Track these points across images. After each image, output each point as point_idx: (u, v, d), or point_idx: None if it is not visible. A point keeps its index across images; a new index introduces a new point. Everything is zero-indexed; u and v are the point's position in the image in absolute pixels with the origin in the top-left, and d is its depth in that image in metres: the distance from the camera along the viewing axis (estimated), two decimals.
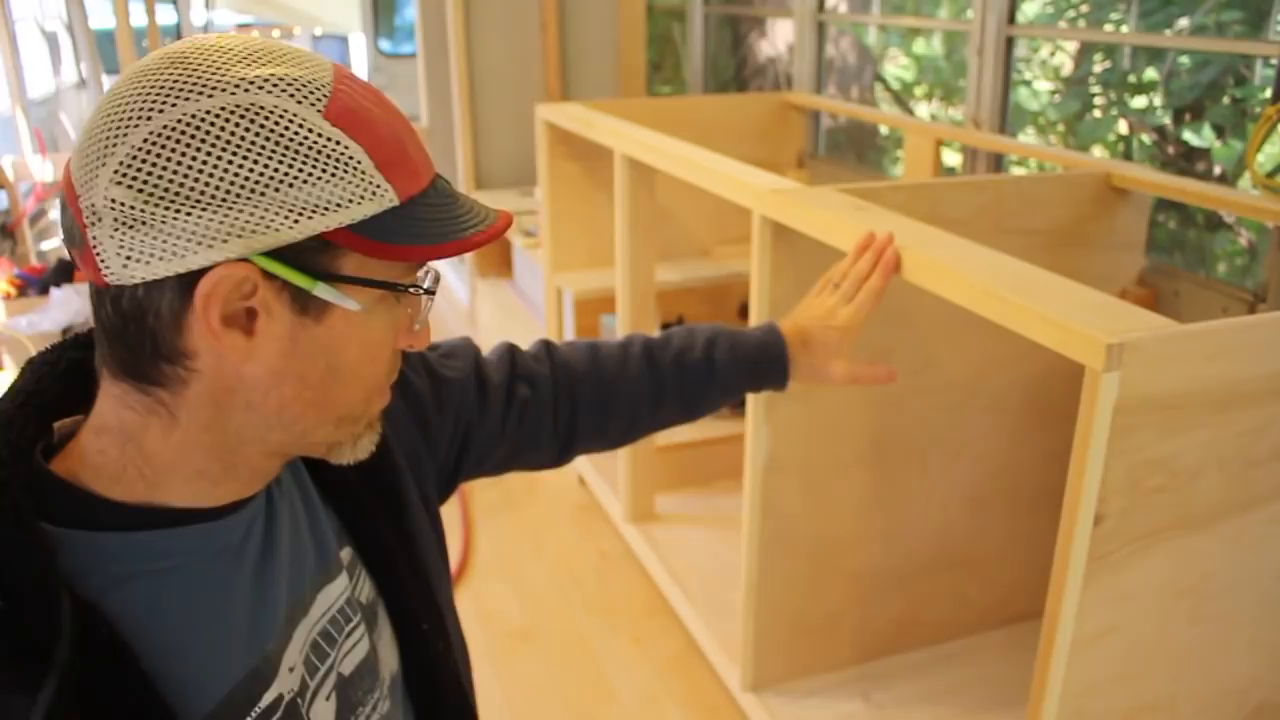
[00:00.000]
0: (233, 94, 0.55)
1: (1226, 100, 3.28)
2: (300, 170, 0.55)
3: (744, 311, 2.83)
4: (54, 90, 5.30)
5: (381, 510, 0.78)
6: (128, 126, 0.54)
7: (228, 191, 0.54)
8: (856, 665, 1.88)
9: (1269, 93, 1.78)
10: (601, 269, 2.78)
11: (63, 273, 2.91)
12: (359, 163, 0.57)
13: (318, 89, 0.57)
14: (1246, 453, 1.07)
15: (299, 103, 0.56)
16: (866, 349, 1.66)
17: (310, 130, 0.56)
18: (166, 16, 5.95)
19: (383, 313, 0.62)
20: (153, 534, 0.60)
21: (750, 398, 1.65)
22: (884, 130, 4.34)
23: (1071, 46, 4.08)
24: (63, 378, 0.65)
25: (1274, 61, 1.79)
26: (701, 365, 1.03)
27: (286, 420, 0.62)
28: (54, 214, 4.33)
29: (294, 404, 0.61)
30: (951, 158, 3.29)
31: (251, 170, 0.54)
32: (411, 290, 0.62)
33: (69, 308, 2.67)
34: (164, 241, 0.54)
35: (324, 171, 0.56)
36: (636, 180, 2.17)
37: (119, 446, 0.60)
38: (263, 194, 0.54)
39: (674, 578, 2.22)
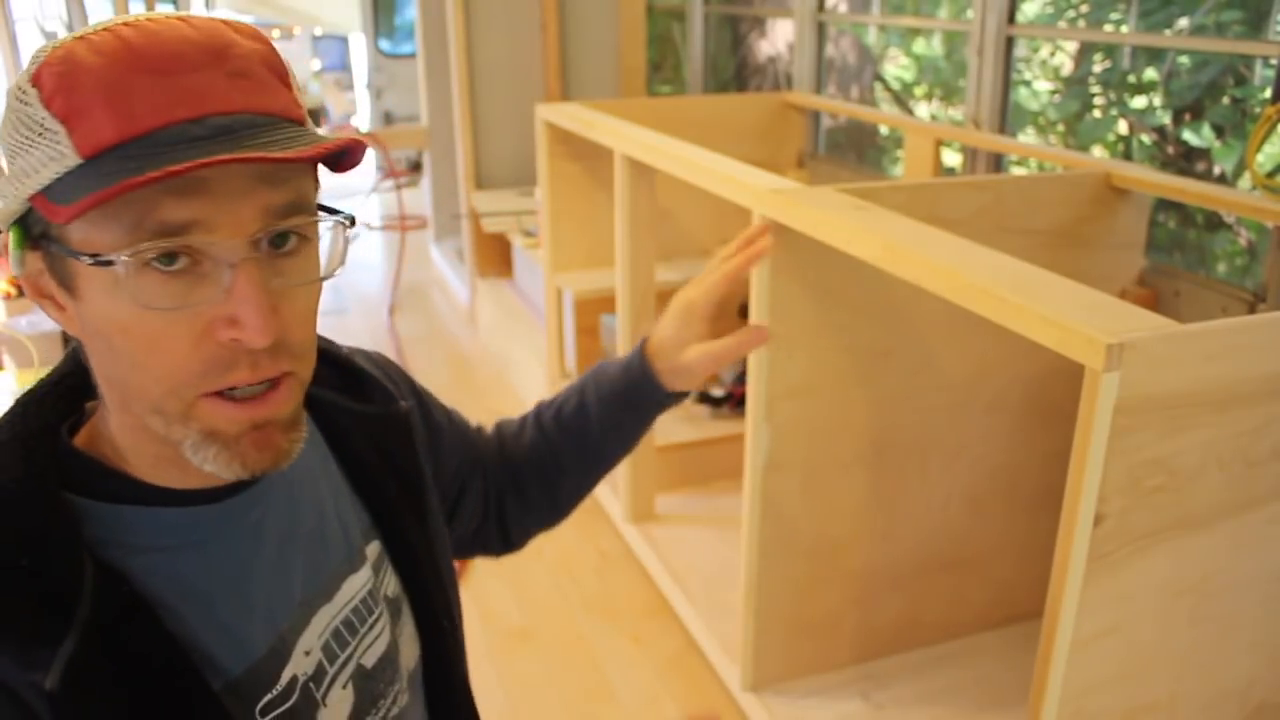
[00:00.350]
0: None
1: (1226, 100, 3.27)
2: (13, 139, 0.55)
3: (744, 311, 2.82)
4: None
5: (408, 509, 0.79)
6: None
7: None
8: (856, 665, 1.88)
9: (1269, 93, 1.77)
10: (601, 269, 2.78)
11: None
12: (42, 120, 0.53)
13: (38, 54, 0.55)
14: (1246, 453, 1.07)
15: (30, 72, 0.55)
16: (867, 349, 1.67)
17: (19, 99, 0.55)
18: None
19: (128, 289, 0.54)
20: (165, 510, 0.62)
21: (750, 397, 1.65)
22: (884, 130, 4.34)
23: (1071, 46, 4.08)
24: None
25: (1274, 61, 1.79)
26: (577, 416, 0.97)
27: (134, 405, 0.59)
28: None
29: (114, 388, 0.60)
30: (951, 158, 3.28)
31: (4, 148, 0.57)
32: (86, 260, 0.54)
33: None
34: None
35: (27, 137, 0.54)
36: (636, 180, 2.17)
37: (100, 424, 0.64)
38: (9, 168, 0.56)
39: (674, 578, 2.22)
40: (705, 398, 2.74)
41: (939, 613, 1.91)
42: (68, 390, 0.65)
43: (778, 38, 4.27)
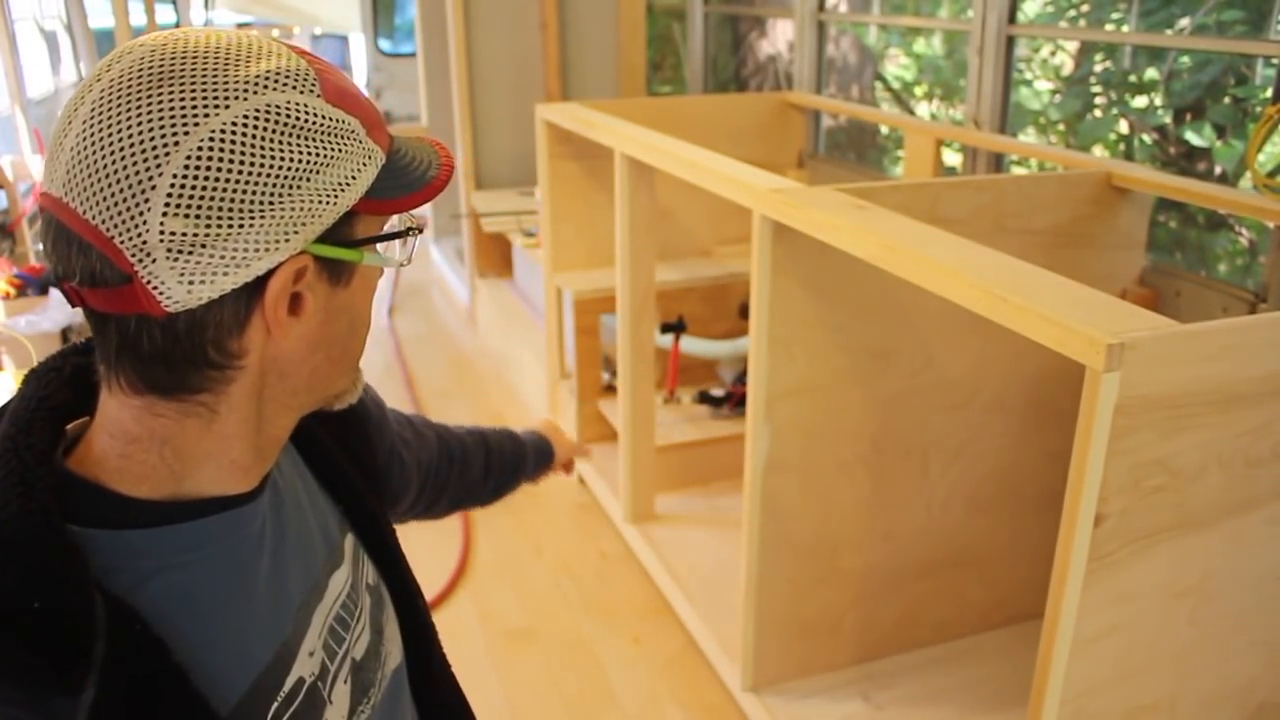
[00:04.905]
0: (244, 99, 0.55)
1: (1227, 100, 3.27)
2: (323, 154, 0.58)
3: (744, 311, 2.82)
4: (53, 90, 5.30)
5: (373, 498, 0.82)
6: (157, 158, 0.53)
7: (273, 192, 0.56)
8: (856, 665, 1.88)
9: (1270, 92, 1.77)
10: (601, 269, 2.78)
11: None
12: (356, 133, 0.60)
13: (307, 76, 0.59)
14: (1246, 453, 1.07)
15: (302, 93, 0.58)
16: (867, 349, 1.66)
17: (321, 116, 0.58)
18: (165, 16, 5.95)
19: (387, 261, 0.66)
20: (179, 527, 0.61)
21: (750, 397, 1.65)
22: (884, 130, 4.34)
23: (1072, 46, 4.08)
24: (69, 383, 0.65)
25: (1275, 61, 1.79)
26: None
27: (315, 383, 0.65)
28: None
29: (323, 365, 0.64)
30: (951, 157, 3.28)
31: (288, 166, 0.56)
32: (413, 233, 0.66)
33: (68, 308, 2.67)
34: (228, 256, 0.55)
35: (340, 150, 0.59)
36: (636, 180, 2.17)
37: (152, 452, 0.60)
38: (301, 186, 0.57)
39: (674, 578, 2.22)
40: (705, 397, 2.73)
41: (939, 613, 1.91)
42: (50, 413, 0.62)
43: (778, 37, 4.27)
